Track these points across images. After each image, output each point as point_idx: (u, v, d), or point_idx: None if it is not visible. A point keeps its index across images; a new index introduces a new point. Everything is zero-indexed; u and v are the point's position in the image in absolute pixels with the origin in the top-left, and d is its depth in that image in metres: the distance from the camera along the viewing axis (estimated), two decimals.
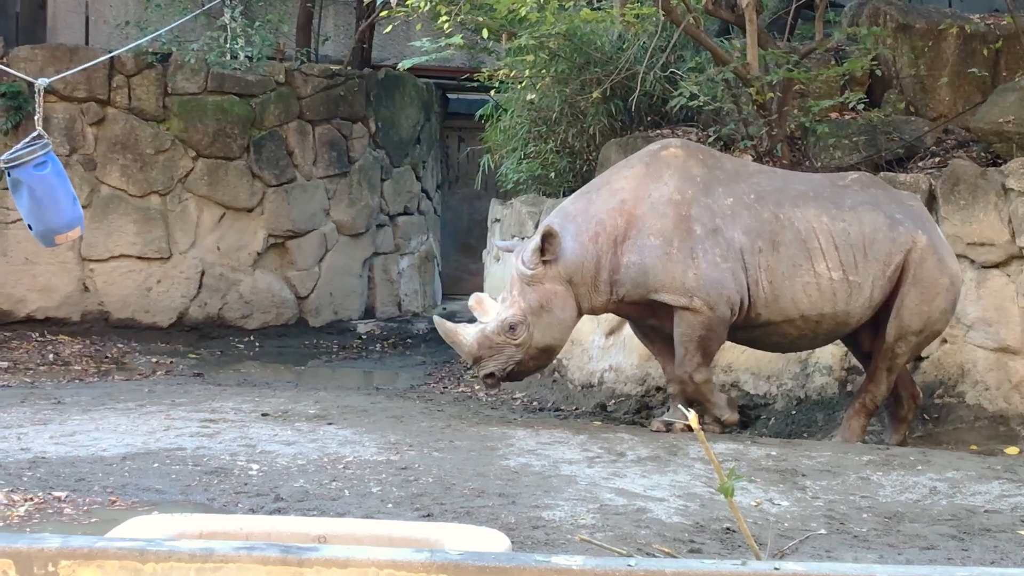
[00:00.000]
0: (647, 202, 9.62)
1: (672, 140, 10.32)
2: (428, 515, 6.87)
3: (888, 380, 9.67)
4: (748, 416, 10.73)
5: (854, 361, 10.54)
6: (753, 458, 8.54)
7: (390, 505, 7.10)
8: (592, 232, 9.66)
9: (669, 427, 9.62)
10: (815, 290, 9.45)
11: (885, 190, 9.91)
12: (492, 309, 9.87)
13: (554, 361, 10.83)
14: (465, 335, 9.87)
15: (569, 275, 9.63)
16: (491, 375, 9.81)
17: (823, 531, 6.87)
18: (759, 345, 10.09)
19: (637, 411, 11.20)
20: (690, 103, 11.81)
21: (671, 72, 12.39)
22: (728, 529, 6.78)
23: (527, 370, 9.93)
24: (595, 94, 12.51)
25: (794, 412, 10.77)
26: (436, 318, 10.36)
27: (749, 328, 9.65)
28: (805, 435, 10.23)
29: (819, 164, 11.60)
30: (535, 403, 11.79)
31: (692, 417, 4.43)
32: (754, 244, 9.50)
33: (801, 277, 9.46)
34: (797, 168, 11.45)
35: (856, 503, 7.51)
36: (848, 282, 9.48)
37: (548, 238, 9.57)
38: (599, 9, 12.93)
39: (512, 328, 9.66)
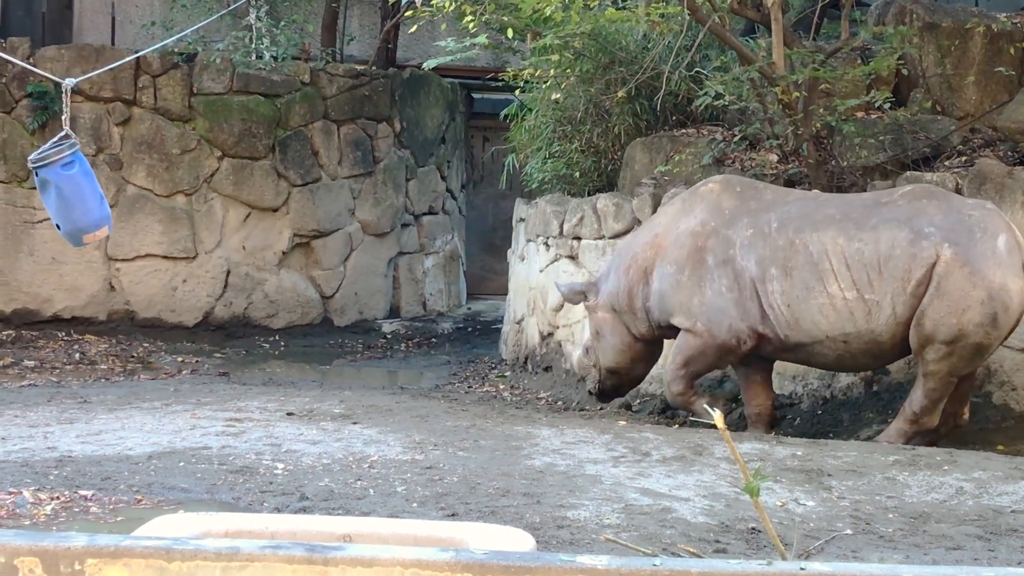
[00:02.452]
0: (673, 234, 10.20)
1: (717, 176, 10.72)
2: (453, 514, 6.87)
3: (925, 387, 9.50)
4: (774, 416, 10.69)
5: None
6: (779, 458, 8.51)
7: (415, 504, 7.10)
8: (626, 265, 10.49)
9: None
10: (831, 311, 9.55)
11: (940, 200, 9.62)
12: None
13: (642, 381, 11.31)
14: (572, 357, 11.50)
15: (610, 304, 10.58)
16: (590, 392, 11.11)
17: (849, 531, 6.85)
18: (816, 365, 10.21)
19: (662, 411, 11.19)
20: (715, 102, 11.79)
21: (696, 71, 12.37)
22: (754, 529, 6.76)
23: (611, 387, 10.94)
24: (620, 93, 12.49)
25: (820, 412, 10.74)
26: (565, 344, 11.82)
27: (789, 350, 9.87)
28: (831, 435, 10.20)
29: (845, 163, 11.57)
30: (560, 403, 11.78)
31: (717, 416, 4.42)
32: (766, 272, 9.73)
33: (816, 299, 9.59)
34: (821, 167, 11.41)
35: (882, 503, 7.48)
36: (864, 301, 9.49)
37: (566, 296, 11.07)
38: (624, 8, 12.92)
39: (586, 352, 11.02)
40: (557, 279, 12.25)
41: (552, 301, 13.01)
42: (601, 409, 11.17)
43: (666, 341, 10.68)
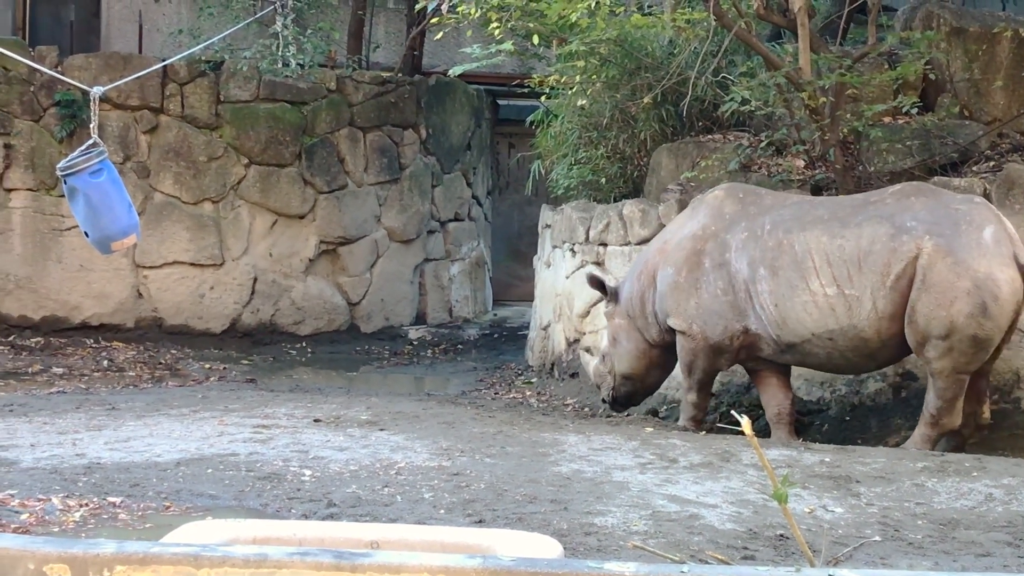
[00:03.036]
0: (677, 238, 10.46)
1: (723, 184, 10.87)
2: (480, 521, 6.87)
3: (935, 388, 9.48)
4: (801, 423, 10.68)
5: (908, 367, 10.46)
6: (807, 464, 8.49)
7: (442, 511, 7.10)
8: (638, 271, 10.80)
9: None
10: (814, 308, 9.66)
11: (927, 197, 9.65)
12: None
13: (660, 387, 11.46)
14: (588, 366, 11.69)
15: (626, 310, 10.83)
16: (604, 400, 11.24)
17: (877, 538, 6.82)
18: (811, 366, 10.23)
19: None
20: (742, 108, 11.76)
21: (722, 77, 12.35)
22: (782, 536, 6.74)
23: (625, 395, 11.08)
24: (646, 99, 12.48)
25: (848, 418, 10.71)
26: (582, 353, 12.21)
27: (783, 351, 9.97)
28: (859, 441, 10.16)
29: (872, 168, 11.53)
30: (587, 409, 11.77)
31: (745, 423, 4.41)
32: (756, 272, 9.89)
33: (799, 297, 9.71)
34: (848, 173, 11.39)
35: (911, 510, 7.45)
36: (844, 296, 9.57)
37: (590, 283, 11.12)
38: (650, 15, 12.91)
39: (603, 358, 11.14)
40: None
41: (578, 307, 13.01)
42: (628, 416, 11.15)
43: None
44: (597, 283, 11.07)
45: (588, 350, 12.70)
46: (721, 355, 10.20)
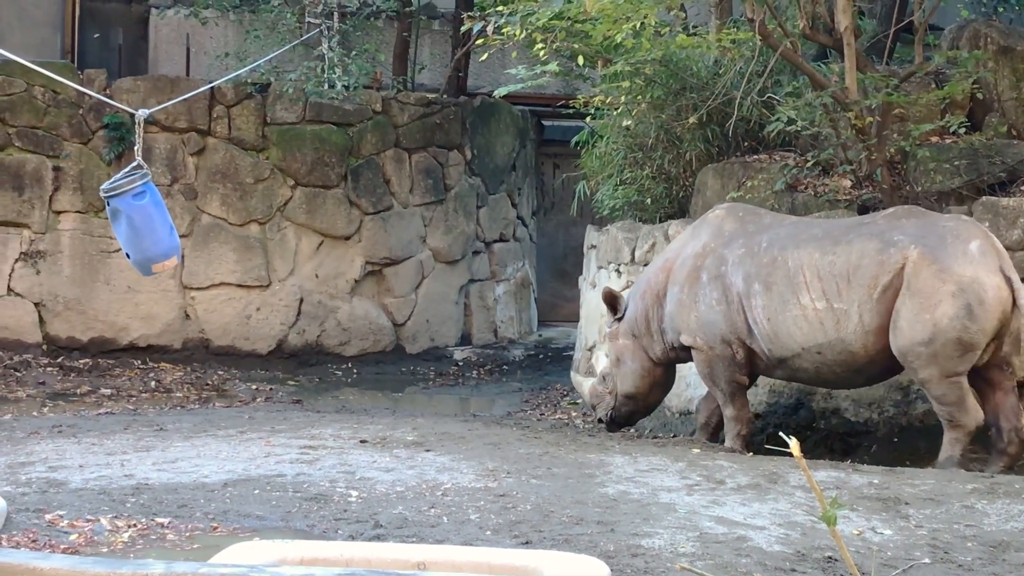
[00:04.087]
0: (680, 258, 10.75)
1: (724, 204, 11.17)
2: (527, 542, 6.86)
3: (933, 397, 9.59)
4: (849, 444, 10.62)
5: None
6: (855, 486, 8.44)
7: (488, 532, 7.09)
8: (642, 290, 11.02)
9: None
10: (804, 322, 9.87)
11: (917, 217, 9.82)
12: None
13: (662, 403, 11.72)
14: (582, 387, 11.69)
15: (631, 329, 11.03)
16: (600, 420, 11.39)
17: (927, 560, 6.77)
18: (802, 381, 10.49)
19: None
20: (788, 128, 11.73)
21: (768, 97, 12.31)
22: (830, 558, 6.70)
23: (626, 415, 11.27)
24: (691, 120, 12.46)
25: (896, 439, 10.63)
26: (574, 373, 12.24)
27: (775, 366, 10.23)
28: (908, 463, 10.09)
29: (919, 188, 11.47)
30: (633, 430, 11.74)
31: (794, 444, 4.39)
32: (750, 287, 10.13)
33: (790, 311, 9.93)
34: (896, 192, 11.33)
35: (960, 532, 7.39)
36: (833, 310, 9.76)
37: (605, 298, 11.26)
38: (695, 35, 12.89)
39: (603, 379, 11.32)
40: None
41: None
42: (674, 437, 11.12)
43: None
44: (611, 299, 11.25)
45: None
46: (733, 362, 10.36)
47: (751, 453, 10.15)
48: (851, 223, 10.16)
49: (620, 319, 11.14)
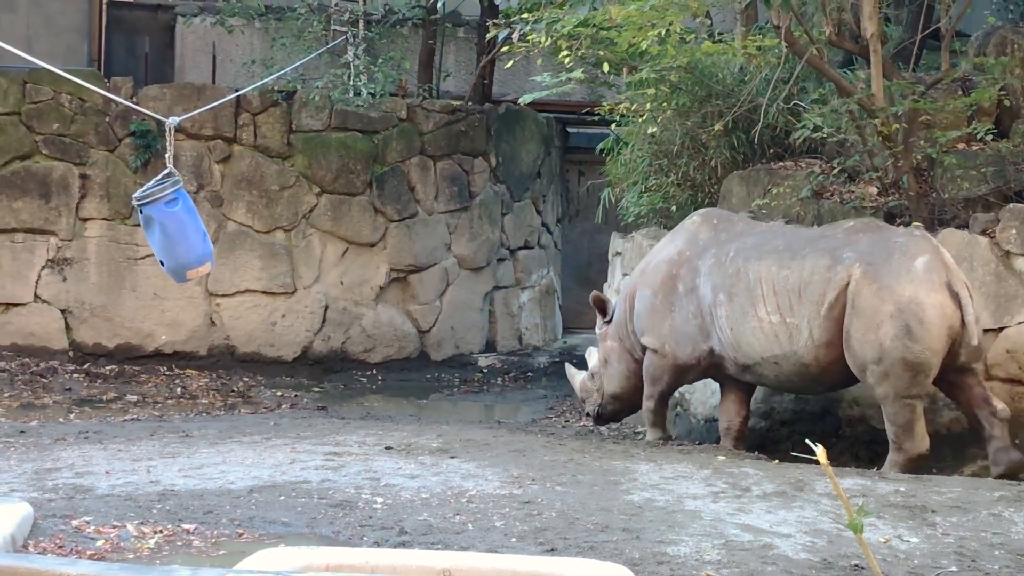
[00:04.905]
0: (655, 262, 11.10)
1: (701, 210, 11.49)
2: (552, 549, 6.85)
3: (886, 414, 9.74)
4: (875, 451, 10.58)
5: None
6: (881, 494, 8.41)
7: (513, 539, 7.09)
8: (624, 294, 11.41)
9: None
10: (760, 334, 10.17)
11: (873, 232, 10.00)
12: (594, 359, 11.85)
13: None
14: (574, 379, 12.05)
15: (617, 332, 11.43)
16: (587, 414, 11.95)
17: (954, 568, 6.74)
18: (766, 385, 10.78)
19: (761, 446, 11.08)
20: (814, 135, 11.70)
21: (794, 104, 12.29)
22: (856, 566, 6.68)
23: (611, 412, 11.77)
24: (717, 127, 12.44)
25: None
26: (567, 365, 12.51)
27: (743, 371, 10.50)
28: (934, 471, 10.04)
29: (946, 195, 11.42)
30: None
31: (820, 452, 4.38)
32: (716, 297, 10.45)
33: (749, 323, 10.23)
34: (922, 200, 11.29)
35: (988, 540, 7.36)
36: (786, 324, 10.03)
37: (593, 301, 11.71)
38: (721, 42, 12.88)
39: (592, 376, 11.77)
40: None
41: None
42: (699, 444, 11.10)
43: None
44: (599, 303, 11.71)
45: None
46: (687, 373, 10.92)
47: (777, 460, 10.11)
48: (812, 235, 10.32)
49: (609, 322, 11.57)
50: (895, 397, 9.65)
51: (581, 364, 12.41)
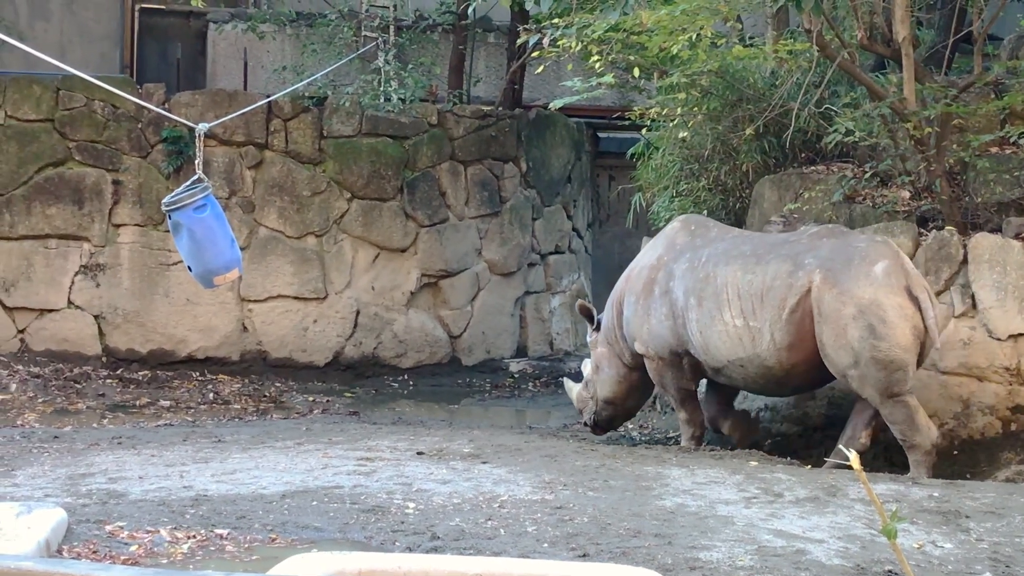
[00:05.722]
0: (637, 268, 11.43)
1: (681, 216, 11.83)
2: (584, 555, 6.85)
3: (884, 416, 9.87)
4: (908, 457, 10.54)
5: (1019, 400, 10.31)
6: (915, 499, 8.37)
7: (545, 544, 7.09)
8: (611, 301, 11.66)
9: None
10: (727, 337, 10.40)
11: (836, 238, 10.21)
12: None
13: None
14: (572, 392, 12.21)
15: (606, 338, 11.66)
16: (585, 423, 12.05)
17: (988, 574, 6.71)
18: (738, 387, 11.02)
19: (794, 451, 11.05)
20: (846, 139, 11.66)
21: (826, 108, 12.25)
22: (890, 572, 6.65)
23: (606, 419, 11.89)
24: (748, 131, 12.42)
25: (956, 452, 10.54)
26: (565, 379, 12.70)
27: (716, 373, 10.77)
28: (968, 476, 10.00)
29: (979, 199, 11.38)
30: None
31: (853, 457, 4.36)
32: (688, 301, 10.71)
33: (716, 326, 10.48)
34: (955, 204, 11.25)
35: (1022, 545, 7.32)
36: (749, 328, 10.27)
37: (580, 310, 12.10)
38: (751, 46, 12.85)
39: (586, 385, 11.92)
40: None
41: None
42: (732, 449, 11.07)
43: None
44: (586, 312, 11.96)
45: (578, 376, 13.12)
46: (680, 370, 11.01)
47: (810, 466, 10.07)
48: (778, 241, 10.58)
49: (597, 329, 11.82)
50: (883, 398, 9.82)
51: (578, 378, 12.50)
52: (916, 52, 11.69)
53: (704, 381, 11.31)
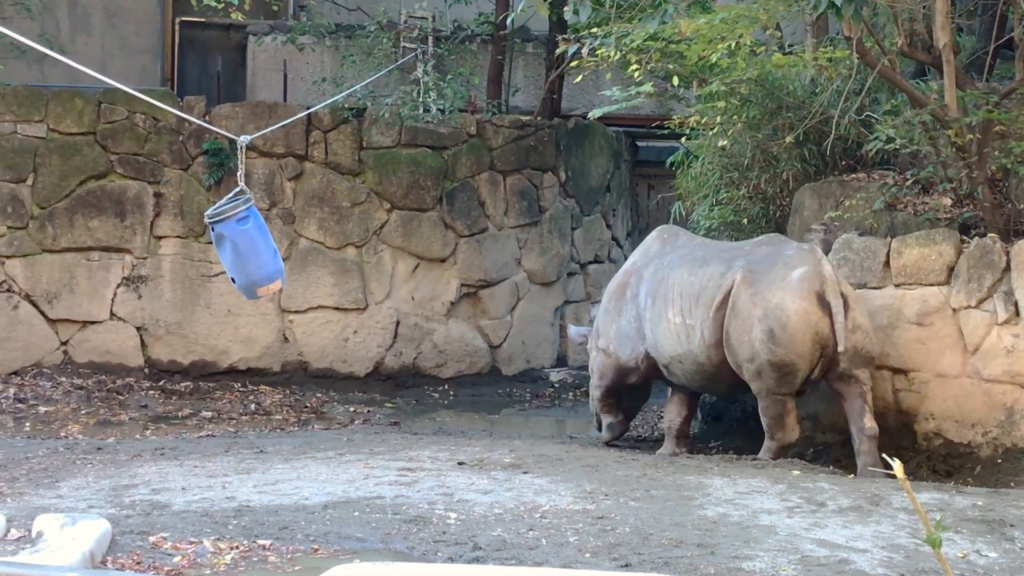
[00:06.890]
0: (617, 274, 12.20)
1: (660, 226, 12.42)
2: (626, 565, 6.84)
3: (760, 407, 10.61)
4: (952, 465, 10.48)
5: None
6: (959, 508, 8.32)
7: (587, 555, 7.08)
8: (601, 306, 12.23)
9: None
10: (669, 334, 11.08)
11: (773, 245, 10.86)
12: None
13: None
14: (593, 403, 12.49)
15: (593, 343, 12.13)
16: (599, 429, 12.41)
17: None
18: (684, 386, 11.49)
19: (836, 460, 11.00)
20: (886, 146, 11.61)
21: (866, 115, 12.20)
22: None
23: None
24: (788, 139, 12.38)
25: (1000, 460, 10.47)
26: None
27: (665, 370, 11.38)
28: (1012, 484, 9.93)
29: (1021, 206, 11.30)
30: (731, 451, 11.67)
31: (897, 466, 4.34)
32: (647, 302, 11.38)
33: (662, 324, 11.16)
34: (997, 210, 11.18)
35: None
36: (686, 325, 10.93)
37: (571, 336, 13.51)
38: (791, 54, 12.82)
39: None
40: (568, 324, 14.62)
41: None
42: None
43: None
44: (582, 339, 12.83)
45: None
46: (629, 375, 11.76)
47: (852, 475, 10.02)
48: (724, 247, 11.33)
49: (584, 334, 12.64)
50: (767, 393, 10.54)
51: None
52: (957, 59, 11.62)
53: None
